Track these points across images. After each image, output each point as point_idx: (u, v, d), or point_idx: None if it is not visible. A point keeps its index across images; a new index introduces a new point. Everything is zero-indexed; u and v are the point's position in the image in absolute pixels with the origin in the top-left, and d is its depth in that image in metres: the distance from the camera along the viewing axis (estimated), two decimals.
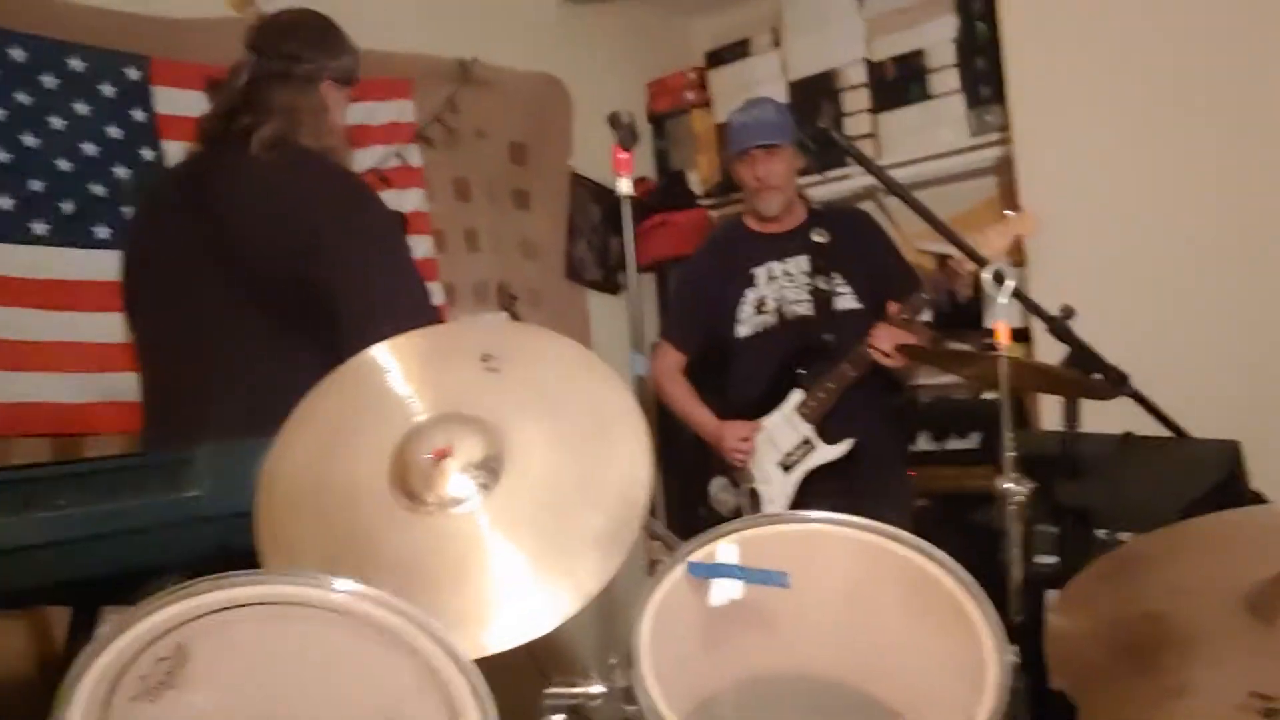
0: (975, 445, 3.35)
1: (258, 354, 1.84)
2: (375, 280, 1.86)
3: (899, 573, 1.32)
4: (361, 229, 1.91)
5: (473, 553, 1.22)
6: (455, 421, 1.31)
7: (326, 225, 1.86)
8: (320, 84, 2.04)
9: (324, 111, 2.04)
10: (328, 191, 1.92)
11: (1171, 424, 1.78)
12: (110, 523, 1.23)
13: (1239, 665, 1.08)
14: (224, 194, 1.93)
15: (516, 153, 3.68)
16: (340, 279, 1.83)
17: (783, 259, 2.95)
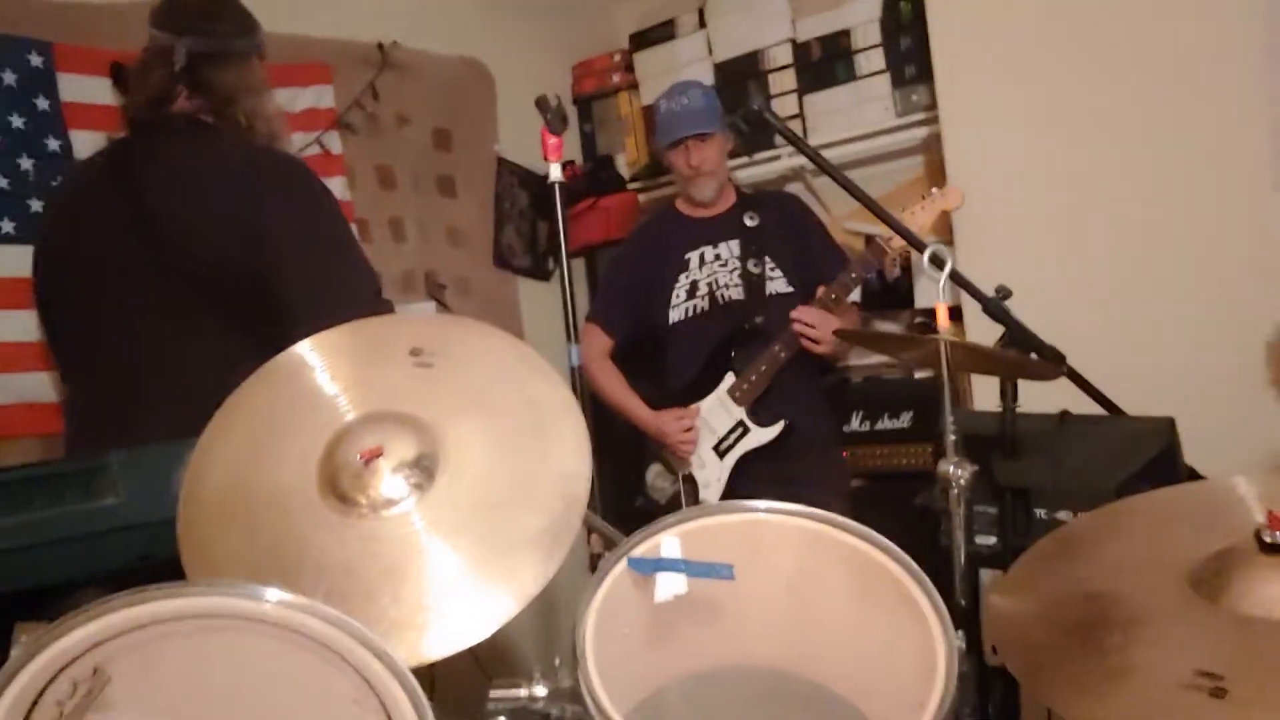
0: (907, 425, 3.37)
1: (196, 351, 1.77)
2: (325, 272, 1.80)
3: (843, 560, 1.31)
4: (309, 219, 1.85)
5: (409, 556, 1.18)
6: (386, 420, 1.27)
7: (273, 216, 1.79)
8: (254, 61, 1.98)
9: (266, 89, 1.99)
10: (273, 180, 1.85)
11: (1107, 402, 1.80)
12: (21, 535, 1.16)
13: (1184, 643, 1.08)
14: (159, 184, 1.85)
15: (440, 138, 3.61)
16: (289, 271, 1.77)
17: (714, 244, 2.93)
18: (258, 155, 1.88)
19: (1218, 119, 2.56)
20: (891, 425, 3.40)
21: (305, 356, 1.35)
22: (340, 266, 1.85)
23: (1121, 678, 1.06)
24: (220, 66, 1.92)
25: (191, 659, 1.03)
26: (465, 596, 1.15)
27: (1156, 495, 1.36)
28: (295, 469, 1.24)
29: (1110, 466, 1.53)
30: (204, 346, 1.77)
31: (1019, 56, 2.91)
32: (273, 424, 1.28)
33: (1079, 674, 1.07)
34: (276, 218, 1.79)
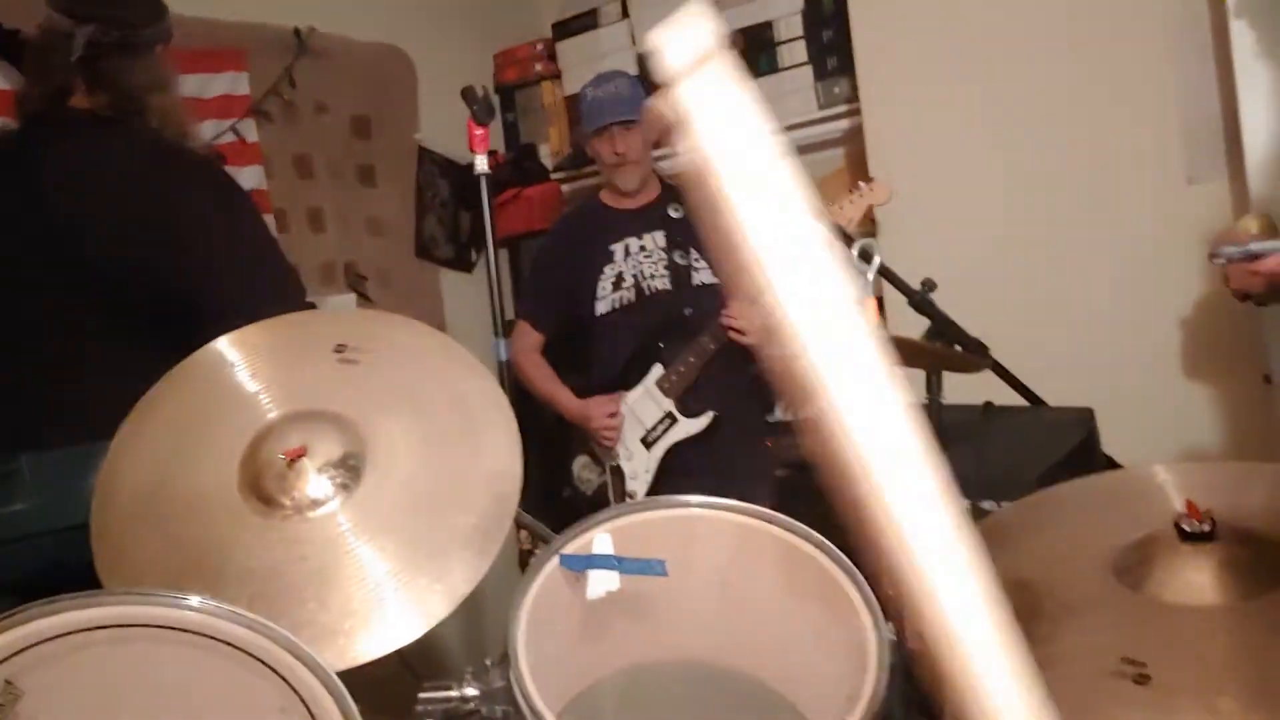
0: None
1: (97, 354, 1.69)
2: (245, 276, 1.73)
3: (774, 554, 1.31)
4: (224, 222, 1.77)
5: (336, 558, 1.15)
6: (310, 419, 1.23)
7: (186, 220, 1.71)
8: (156, 51, 1.86)
9: (171, 80, 1.89)
10: (185, 182, 1.77)
11: (1028, 393, 1.83)
12: None
13: (1109, 631, 1.10)
14: (58, 181, 1.74)
15: (360, 127, 3.54)
16: (207, 277, 1.69)
17: (639, 235, 2.92)
18: (168, 155, 1.79)
19: (1134, 115, 2.63)
20: None
21: (224, 354, 1.31)
22: (260, 268, 1.78)
23: (1049, 667, 1.06)
24: (124, 59, 1.80)
25: (109, 670, 0.99)
26: (394, 598, 1.13)
27: (1078, 484, 1.38)
28: (216, 470, 1.20)
29: (1032, 456, 1.56)
30: (108, 350, 1.69)
31: (939, 50, 2.95)
32: (191, 424, 1.24)
33: None
34: (190, 221, 1.71)
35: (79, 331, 1.71)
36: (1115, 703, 1.00)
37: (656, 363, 2.81)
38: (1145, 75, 2.59)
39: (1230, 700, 0.96)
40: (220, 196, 1.80)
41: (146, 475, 1.20)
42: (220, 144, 3.01)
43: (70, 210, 1.73)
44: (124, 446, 1.23)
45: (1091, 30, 2.68)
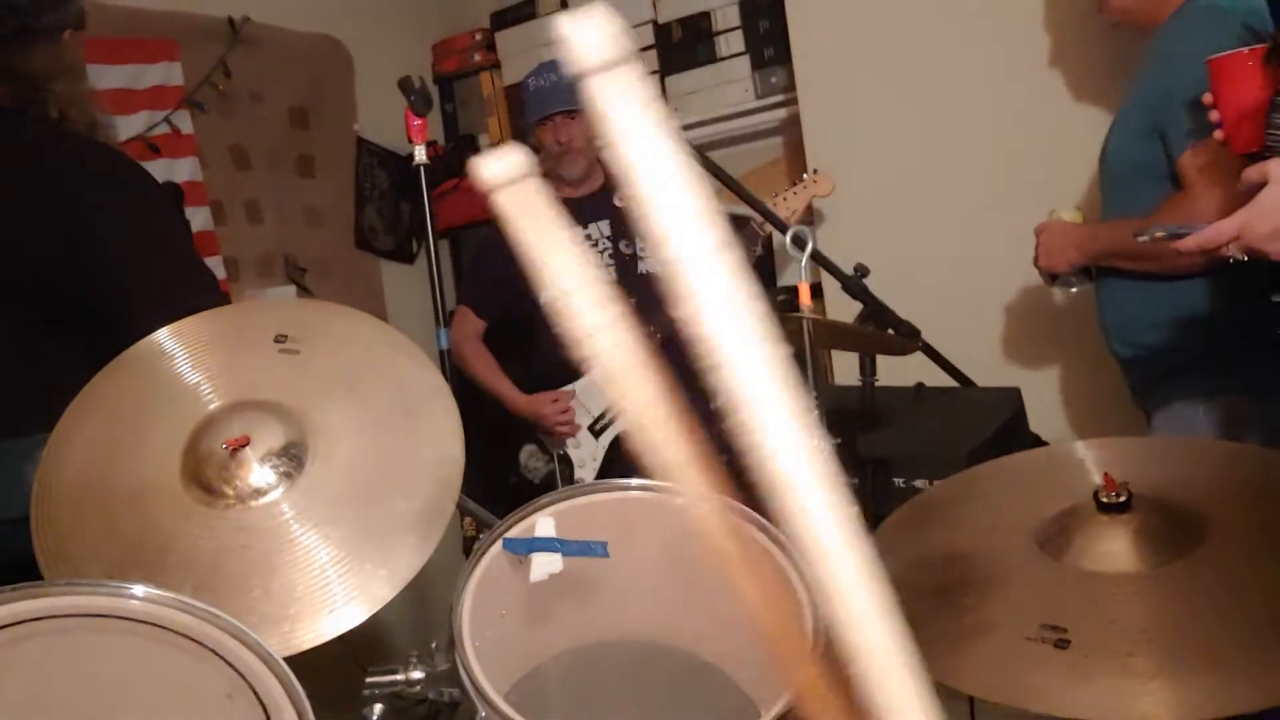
0: None
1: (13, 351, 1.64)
2: (148, 266, 1.67)
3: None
4: (134, 217, 1.71)
5: (279, 547, 1.16)
6: (252, 408, 1.24)
7: (93, 216, 1.66)
8: (63, 37, 1.76)
9: (79, 69, 1.80)
10: (89, 170, 1.70)
11: (959, 374, 1.88)
12: None
13: (1032, 599, 1.15)
14: None
15: (297, 117, 3.51)
16: (116, 275, 1.64)
17: (584, 224, 2.94)
18: (74, 149, 1.72)
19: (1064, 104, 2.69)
20: None
21: (164, 345, 1.31)
22: (172, 266, 1.72)
23: (976, 636, 1.12)
24: (25, 47, 1.72)
25: (53, 661, 0.99)
26: (339, 584, 1.14)
27: (1005, 461, 1.43)
28: (157, 461, 1.20)
29: (962, 435, 1.61)
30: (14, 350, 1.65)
31: (875, 39, 3.00)
32: (131, 415, 1.24)
33: (937, 636, 1.13)
34: (98, 218, 1.65)
35: None
36: (1037, 666, 1.05)
37: None
38: (1080, 62, 2.65)
39: (1144, 661, 1.01)
40: (129, 195, 1.73)
41: (87, 466, 1.20)
42: (155, 135, 2.97)
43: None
44: (64, 438, 1.23)
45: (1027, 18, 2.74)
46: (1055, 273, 1.89)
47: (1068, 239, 1.87)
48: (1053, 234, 1.88)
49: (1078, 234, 1.88)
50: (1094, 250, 1.84)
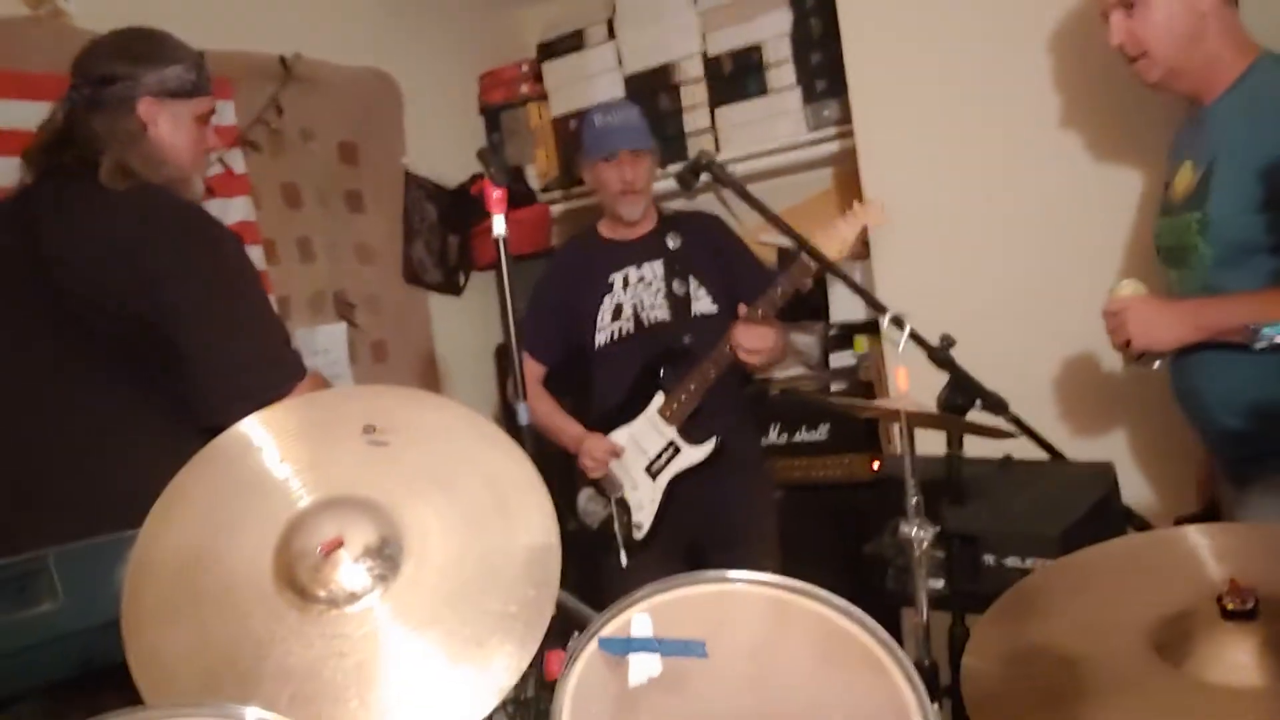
0: (824, 437, 3.41)
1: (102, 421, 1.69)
2: (227, 331, 1.73)
3: (810, 627, 1.30)
4: (207, 268, 1.77)
5: (375, 653, 1.13)
6: (343, 505, 1.21)
7: (169, 269, 1.72)
8: (137, 103, 1.86)
9: (142, 134, 1.86)
10: (168, 230, 1.77)
11: (1048, 446, 1.83)
12: None
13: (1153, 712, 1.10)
14: (55, 234, 1.76)
15: (347, 153, 3.51)
16: (188, 331, 1.70)
17: (638, 265, 2.92)
18: (153, 207, 1.80)
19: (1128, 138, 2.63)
20: (809, 437, 3.44)
21: (251, 436, 1.28)
22: (242, 317, 1.79)
23: None
24: (94, 114, 1.83)
25: None
26: (437, 694, 1.11)
27: (1109, 547, 1.39)
28: (248, 562, 1.18)
29: (1054, 512, 1.56)
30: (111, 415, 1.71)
31: (932, 69, 2.95)
32: (220, 512, 1.22)
33: None
34: (171, 266, 1.73)
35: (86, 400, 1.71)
36: None
37: (658, 391, 2.80)
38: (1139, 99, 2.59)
39: None
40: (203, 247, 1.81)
41: (176, 568, 1.17)
42: (209, 177, 2.95)
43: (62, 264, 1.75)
44: (152, 536, 1.20)
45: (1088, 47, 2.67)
46: (1155, 352, 1.81)
47: (1173, 316, 1.79)
48: (1146, 312, 1.80)
49: (1184, 311, 1.81)
50: (1211, 328, 1.76)
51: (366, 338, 3.45)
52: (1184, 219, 1.89)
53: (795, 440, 3.46)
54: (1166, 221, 1.98)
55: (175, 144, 1.91)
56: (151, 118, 1.87)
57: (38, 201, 1.82)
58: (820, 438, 3.42)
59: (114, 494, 1.29)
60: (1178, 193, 1.96)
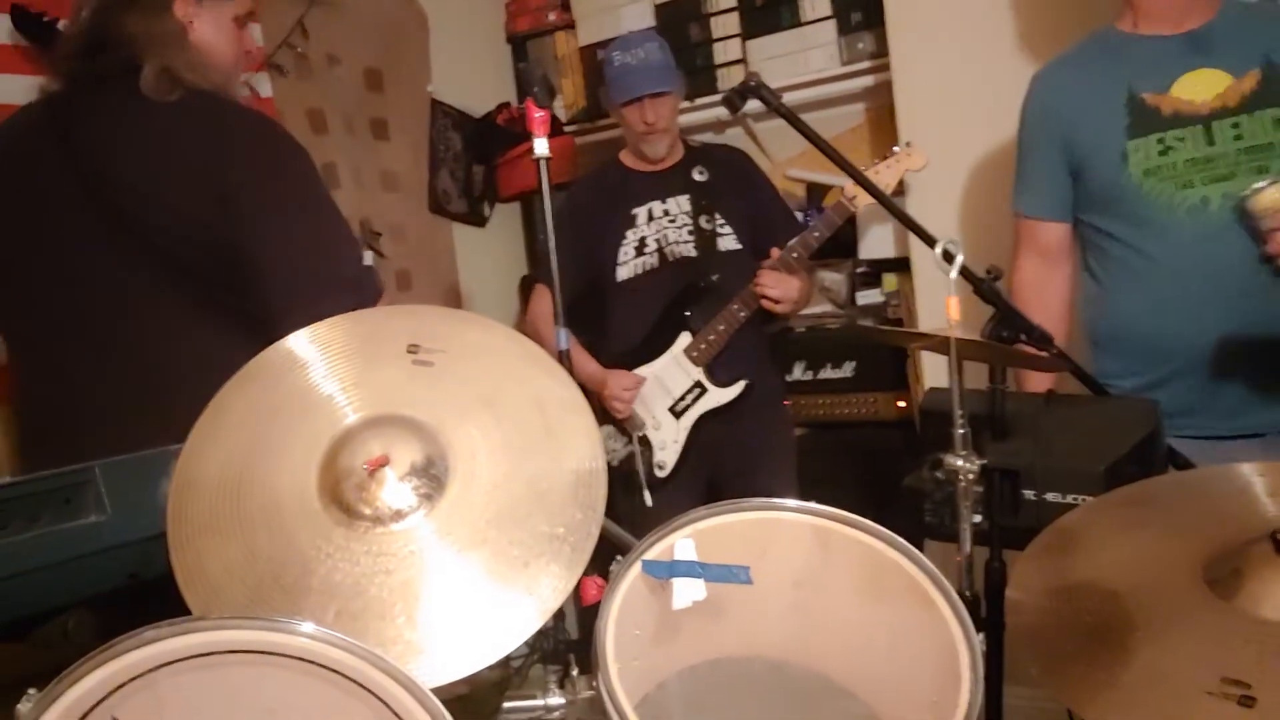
0: (850, 375, 3.39)
1: (167, 331, 1.64)
2: (302, 244, 1.66)
3: (854, 557, 1.30)
4: (282, 184, 1.70)
5: (421, 572, 1.13)
6: (388, 424, 1.20)
7: (242, 180, 1.63)
8: (174, 2, 1.75)
9: (184, 36, 1.75)
10: (240, 139, 1.68)
11: (1092, 382, 1.81)
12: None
13: (1206, 647, 1.08)
14: (105, 145, 1.67)
15: (372, 79, 3.46)
16: (262, 243, 1.63)
17: (663, 199, 2.87)
18: (220, 115, 1.71)
19: None
20: (835, 375, 3.42)
21: (296, 353, 1.27)
22: (319, 239, 1.71)
23: (1149, 685, 1.06)
24: (125, 13, 1.71)
25: (205, 695, 0.97)
26: (484, 614, 1.11)
27: (1158, 483, 1.37)
28: (293, 477, 1.17)
29: (1098, 448, 1.54)
30: (176, 327, 1.65)
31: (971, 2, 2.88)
32: (265, 429, 1.21)
33: (1107, 680, 1.08)
34: (246, 182, 1.64)
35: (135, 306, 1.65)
36: None
37: (684, 331, 2.77)
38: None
39: None
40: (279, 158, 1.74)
41: (221, 483, 1.16)
42: None
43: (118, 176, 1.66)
44: (196, 450, 1.19)
45: None
46: None
47: None
48: None
49: None
50: None
51: (391, 266, 3.42)
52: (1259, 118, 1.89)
53: (820, 378, 3.44)
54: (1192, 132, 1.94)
55: (217, 46, 1.81)
56: (190, 17, 1.77)
57: (75, 111, 1.72)
58: (846, 375, 3.41)
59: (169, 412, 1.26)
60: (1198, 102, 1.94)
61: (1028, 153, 2.23)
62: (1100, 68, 2.08)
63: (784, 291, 2.65)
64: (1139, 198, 1.98)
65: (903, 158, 2.64)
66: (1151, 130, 1.98)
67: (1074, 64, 2.16)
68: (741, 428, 2.78)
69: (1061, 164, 2.13)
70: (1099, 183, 2.06)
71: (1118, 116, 2.01)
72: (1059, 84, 2.16)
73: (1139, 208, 1.99)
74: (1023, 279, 2.27)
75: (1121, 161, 1.99)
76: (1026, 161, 2.24)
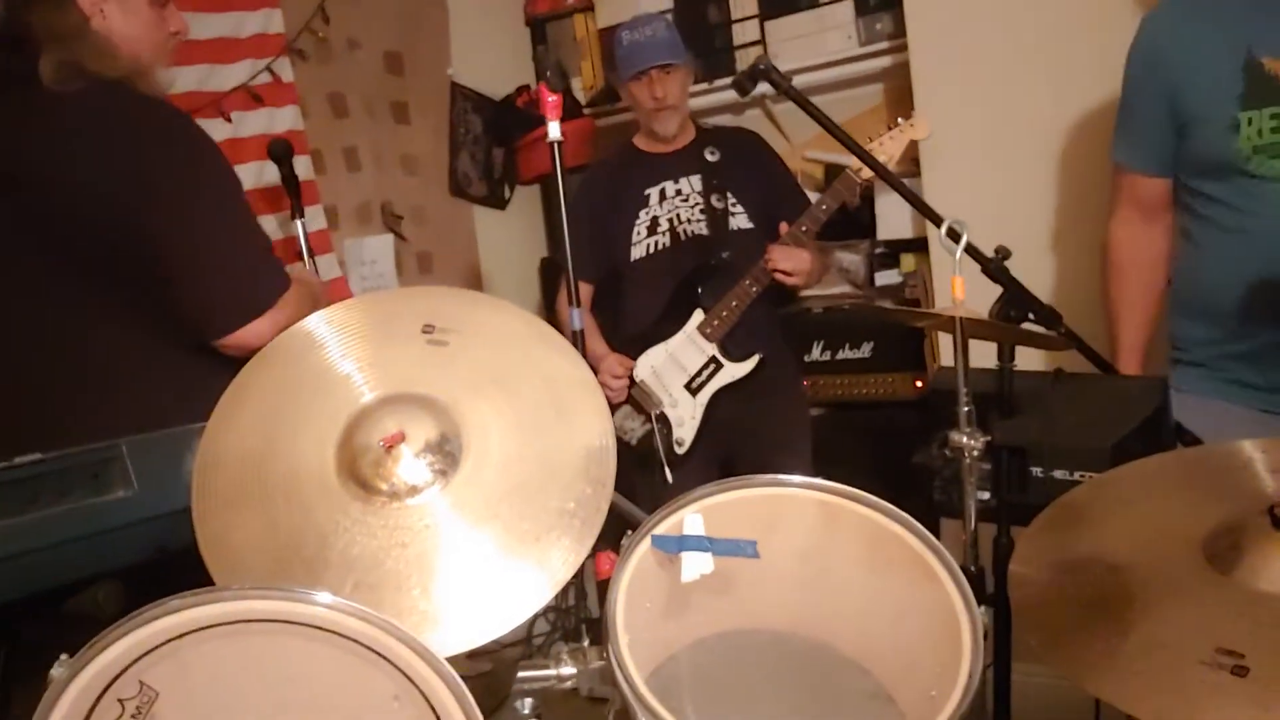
0: (868, 355, 3.41)
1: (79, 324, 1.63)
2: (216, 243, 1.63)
3: (859, 531, 1.32)
4: (194, 180, 1.65)
5: (436, 545, 1.17)
6: (404, 402, 1.24)
7: (157, 171, 1.60)
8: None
9: (85, 26, 1.67)
10: (143, 128, 1.63)
11: (1100, 360, 1.83)
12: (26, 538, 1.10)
13: (1202, 619, 1.11)
14: (9, 141, 1.64)
15: (392, 63, 3.49)
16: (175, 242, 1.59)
17: (675, 179, 2.90)
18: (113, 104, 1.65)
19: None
20: (852, 355, 3.44)
21: (314, 333, 1.30)
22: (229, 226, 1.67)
23: (1146, 655, 1.09)
24: (26, 8, 1.64)
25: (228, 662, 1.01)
26: (496, 585, 1.14)
27: (1161, 460, 1.39)
28: (312, 455, 1.21)
29: (1105, 425, 1.56)
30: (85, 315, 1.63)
31: None
32: (285, 407, 1.24)
33: (1105, 651, 1.10)
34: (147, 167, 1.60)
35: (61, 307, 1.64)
36: (1214, 694, 1.02)
37: (696, 308, 2.80)
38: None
39: None
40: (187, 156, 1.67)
41: (244, 459, 1.20)
42: (257, 84, 2.97)
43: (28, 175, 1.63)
44: (219, 428, 1.23)
45: None
46: None
47: None
48: None
49: None
50: None
51: (412, 249, 3.47)
52: None
53: (838, 358, 3.46)
54: None
55: (129, 34, 1.73)
56: (95, 7, 1.69)
57: None
58: (863, 355, 3.43)
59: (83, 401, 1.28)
60: None
61: (1132, 101, 2.08)
62: (1218, 21, 1.91)
63: (795, 264, 2.68)
64: (1246, 170, 1.86)
65: (906, 129, 2.65)
66: (1268, 102, 1.83)
67: (1190, 10, 1.98)
68: (758, 405, 2.81)
69: (1168, 118, 1.99)
70: (1204, 149, 1.93)
71: (1233, 82, 1.86)
72: (1171, 32, 1.98)
73: (1244, 180, 1.87)
74: (1118, 234, 2.17)
75: (1232, 132, 1.86)
76: (1130, 110, 2.09)
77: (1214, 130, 1.88)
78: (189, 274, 1.62)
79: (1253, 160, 1.84)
